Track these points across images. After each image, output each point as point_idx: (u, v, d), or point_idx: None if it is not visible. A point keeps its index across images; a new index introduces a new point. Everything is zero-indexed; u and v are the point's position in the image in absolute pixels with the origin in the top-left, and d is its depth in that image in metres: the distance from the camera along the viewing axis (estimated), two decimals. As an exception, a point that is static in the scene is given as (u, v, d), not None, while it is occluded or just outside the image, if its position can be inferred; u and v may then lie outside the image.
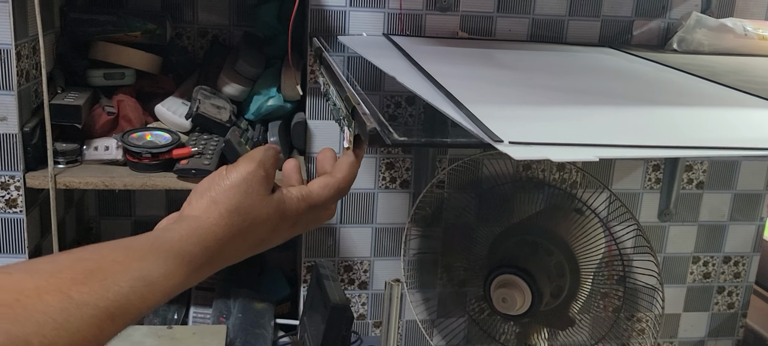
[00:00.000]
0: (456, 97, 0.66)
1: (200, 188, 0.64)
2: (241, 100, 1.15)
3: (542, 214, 1.10)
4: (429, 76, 0.77)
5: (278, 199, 0.65)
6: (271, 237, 0.65)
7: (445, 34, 1.14)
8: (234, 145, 1.04)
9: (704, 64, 1.00)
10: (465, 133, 0.56)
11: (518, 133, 0.55)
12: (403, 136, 0.55)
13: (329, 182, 0.68)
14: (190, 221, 0.61)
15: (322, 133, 1.15)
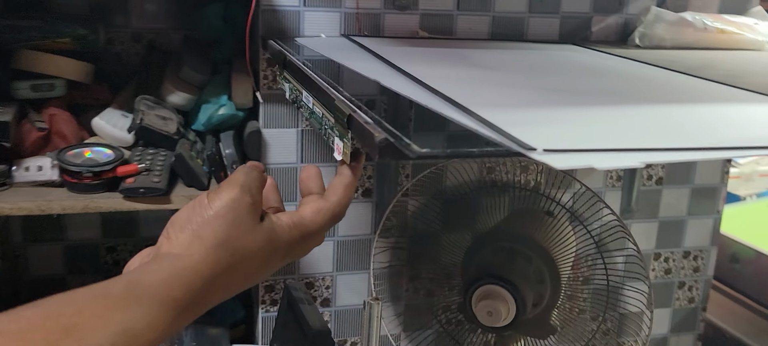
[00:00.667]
0: (457, 101, 0.60)
1: (179, 220, 0.56)
2: (187, 110, 1.06)
3: (514, 219, 1.06)
4: (414, 78, 0.71)
5: (268, 228, 0.58)
6: (260, 271, 0.58)
7: (405, 34, 1.08)
8: (186, 159, 0.95)
9: (675, 59, 0.98)
10: (485, 141, 0.51)
11: (545, 140, 0.50)
12: (425, 147, 0.48)
13: (323, 207, 0.61)
14: (171, 261, 0.53)
15: (278, 142, 1.07)
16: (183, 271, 0.53)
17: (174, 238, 0.55)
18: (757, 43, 1.12)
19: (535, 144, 0.49)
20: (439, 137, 0.53)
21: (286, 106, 1.06)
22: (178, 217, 0.56)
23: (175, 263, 0.53)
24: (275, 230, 0.58)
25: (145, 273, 0.53)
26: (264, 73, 1.04)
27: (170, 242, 0.55)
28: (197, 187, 0.96)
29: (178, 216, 0.57)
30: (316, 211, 0.61)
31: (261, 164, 0.64)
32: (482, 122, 0.54)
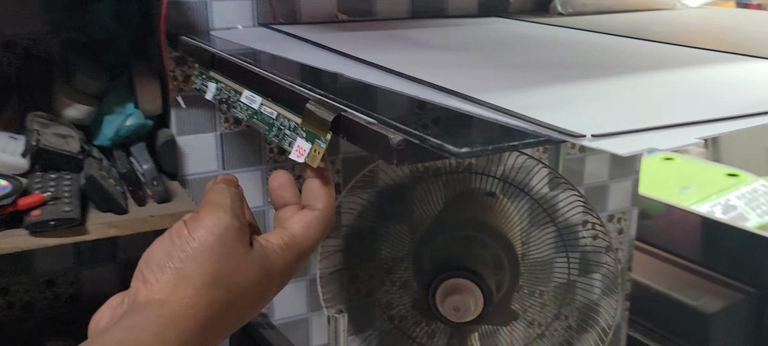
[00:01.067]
0: (452, 89, 0.54)
1: (155, 258, 0.46)
2: (87, 124, 0.92)
3: (457, 205, 1.01)
4: (379, 66, 0.63)
5: (261, 255, 0.49)
6: (257, 305, 0.50)
7: (323, 18, 1.00)
8: (99, 180, 0.82)
9: (612, 24, 0.96)
10: (521, 133, 0.44)
11: (582, 123, 0.44)
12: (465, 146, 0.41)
13: (312, 218, 0.53)
14: (157, 310, 0.44)
15: (195, 150, 0.96)
16: (174, 320, 0.43)
17: (154, 280, 0.45)
18: (670, 3, 1.13)
19: (576, 129, 0.43)
20: (461, 131, 0.46)
21: (200, 110, 0.95)
22: (153, 254, 0.47)
23: (163, 312, 0.44)
24: (268, 256, 0.49)
25: (128, 331, 0.42)
26: (173, 74, 0.93)
27: (149, 286, 0.45)
28: (115, 211, 0.83)
29: (152, 253, 0.47)
30: (306, 225, 0.53)
31: (234, 177, 0.54)
32: (501, 111, 0.47)
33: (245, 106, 0.62)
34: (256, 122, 0.59)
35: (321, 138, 0.50)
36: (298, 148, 0.52)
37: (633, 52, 0.74)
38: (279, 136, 0.56)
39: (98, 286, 1.12)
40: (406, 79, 0.58)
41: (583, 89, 0.57)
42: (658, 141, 0.41)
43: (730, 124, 0.45)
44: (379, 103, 0.55)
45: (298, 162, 0.53)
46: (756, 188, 1.69)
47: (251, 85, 0.63)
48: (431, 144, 0.43)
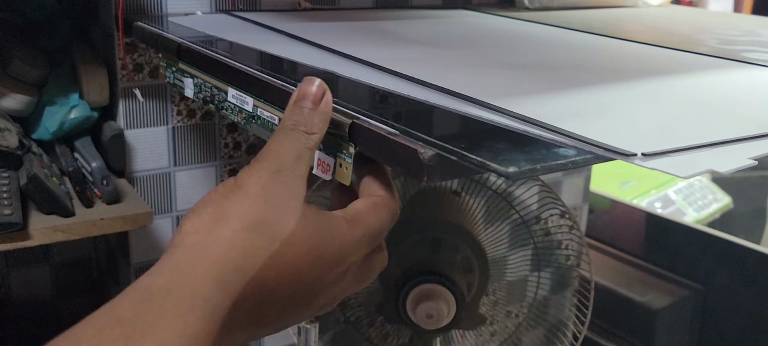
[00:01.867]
0: (465, 94, 0.50)
1: (195, 208, 0.42)
2: (24, 116, 0.84)
3: (421, 205, 0.97)
4: (373, 65, 0.58)
5: (319, 219, 0.43)
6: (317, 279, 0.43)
7: (285, 6, 0.94)
8: (43, 180, 0.74)
9: (586, 21, 0.94)
10: (568, 150, 0.41)
11: (626, 139, 0.41)
12: (513, 165, 0.37)
13: (377, 201, 0.47)
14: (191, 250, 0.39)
15: (144, 145, 0.88)
16: (207, 259, 0.38)
17: (189, 226, 0.40)
18: (632, 0, 1.12)
19: (622, 146, 0.40)
20: (495, 146, 0.42)
21: (151, 101, 0.87)
22: (195, 206, 0.42)
23: (195, 252, 0.38)
24: (328, 219, 0.43)
25: (155, 276, 0.37)
26: (122, 63, 0.85)
27: (182, 232, 0.40)
28: (60, 213, 0.76)
29: (194, 207, 0.42)
30: (372, 205, 0.46)
31: (319, 95, 0.45)
32: (531, 122, 0.44)
33: (237, 108, 0.56)
34: (258, 128, 0.53)
35: (344, 151, 0.45)
36: (320, 163, 0.47)
37: (626, 54, 0.72)
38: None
39: (29, 289, 1.03)
40: (411, 82, 0.53)
41: (598, 96, 0.53)
42: (715, 162, 0.38)
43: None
44: (388, 110, 0.51)
45: (326, 179, 0.48)
46: (692, 182, 1.73)
47: (236, 83, 0.57)
48: (472, 162, 0.38)
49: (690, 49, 0.75)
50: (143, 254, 0.92)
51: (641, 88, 0.58)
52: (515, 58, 0.69)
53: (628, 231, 1.46)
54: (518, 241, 1.13)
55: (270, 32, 0.73)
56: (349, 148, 0.45)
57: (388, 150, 0.42)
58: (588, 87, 0.57)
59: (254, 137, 0.95)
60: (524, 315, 1.24)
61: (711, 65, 0.68)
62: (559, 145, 0.41)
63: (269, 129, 0.53)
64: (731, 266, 1.31)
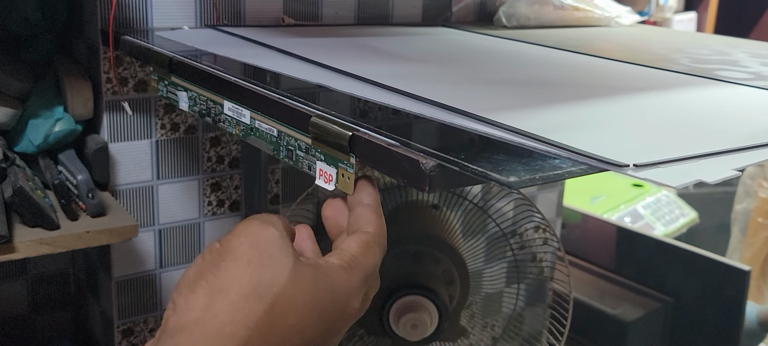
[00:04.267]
0: (458, 108, 0.51)
1: (185, 281, 0.42)
2: (8, 129, 0.83)
3: (402, 219, 0.99)
4: (366, 80, 0.60)
5: (315, 270, 0.43)
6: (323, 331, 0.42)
7: (268, 21, 0.95)
8: (28, 192, 0.74)
9: (563, 39, 0.97)
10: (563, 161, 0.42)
11: (617, 151, 0.43)
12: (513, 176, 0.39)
13: (368, 239, 0.47)
14: (189, 332, 0.39)
15: (128, 158, 0.88)
16: (210, 340, 0.38)
17: (183, 303, 0.40)
18: (605, 19, 1.15)
19: (614, 157, 0.42)
20: (493, 157, 0.43)
21: (135, 114, 0.88)
22: (184, 278, 0.42)
23: (196, 334, 0.38)
24: (328, 274, 0.43)
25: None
26: (107, 76, 0.85)
27: (179, 311, 0.40)
28: (46, 226, 0.75)
29: (182, 278, 0.42)
30: (365, 244, 0.46)
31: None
32: (526, 135, 0.45)
33: (234, 121, 0.57)
34: (257, 140, 0.54)
35: (345, 162, 0.46)
36: (322, 173, 0.48)
37: (605, 71, 0.75)
38: (292, 158, 0.51)
39: (4, 304, 1.02)
40: (404, 96, 0.55)
41: (583, 111, 0.56)
42: (703, 173, 0.40)
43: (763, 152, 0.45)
44: (384, 122, 0.52)
45: (328, 189, 0.49)
46: (660, 198, 1.77)
47: (232, 96, 0.58)
48: (474, 172, 0.40)
49: (665, 66, 0.78)
50: (126, 267, 0.92)
51: (624, 103, 0.60)
52: (499, 74, 0.71)
53: (599, 245, 1.49)
54: (496, 253, 1.15)
55: (258, 47, 0.74)
56: (350, 159, 0.47)
57: (390, 161, 0.44)
58: (573, 102, 0.59)
59: (237, 151, 0.96)
60: (501, 328, 1.26)
61: (686, 82, 0.70)
62: (554, 157, 0.43)
63: (268, 141, 0.54)
64: (700, 278, 1.34)
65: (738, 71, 0.77)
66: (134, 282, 0.93)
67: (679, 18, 2.47)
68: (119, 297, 0.93)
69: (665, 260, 1.41)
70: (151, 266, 0.93)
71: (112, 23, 0.78)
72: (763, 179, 1.86)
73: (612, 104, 0.59)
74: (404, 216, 1.00)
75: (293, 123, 0.52)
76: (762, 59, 0.88)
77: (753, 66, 0.82)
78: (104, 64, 0.84)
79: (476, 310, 1.25)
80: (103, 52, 0.84)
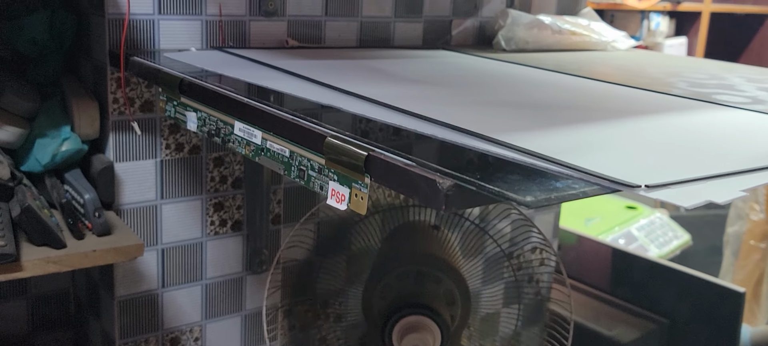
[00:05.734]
0: (468, 129, 0.52)
1: None
2: (15, 148, 0.84)
3: (404, 239, 1.00)
4: (374, 101, 0.61)
5: None
6: None
7: (272, 43, 0.96)
8: (36, 211, 0.74)
9: (562, 63, 0.98)
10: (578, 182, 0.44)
11: (628, 172, 0.44)
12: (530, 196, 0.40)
13: None
14: None
15: (133, 178, 0.89)
16: None
17: None
18: (602, 44, 1.17)
19: (627, 178, 0.43)
20: (508, 177, 0.44)
21: (138, 135, 0.88)
22: None
23: None
24: None
25: None
26: (114, 96, 0.86)
27: None
28: (53, 245, 0.76)
29: None
30: None
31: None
32: (540, 157, 0.47)
33: (244, 141, 0.58)
34: (267, 160, 0.55)
35: (359, 182, 0.47)
36: (334, 193, 0.49)
37: (605, 94, 0.76)
38: (304, 178, 0.52)
39: (4, 324, 1.02)
40: (414, 117, 0.56)
41: (590, 133, 0.57)
42: (712, 194, 0.42)
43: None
44: (397, 142, 0.53)
45: (340, 209, 0.50)
46: (653, 220, 1.79)
47: (243, 116, 0.59)
48: (490, 192, 0.41)
49: (664, 90, 0.80)
50: (128, 287, 0.92)
51: (627, 126, 0.61)
52: (503, 96, 0.72)
53: (594, 266, 1.50)
54: (495, 274, 1.16)
55: (266, 68, 0.76)
56: (365, 179, 0.48)
57: (406, 181, 0.45)
58: (578, 124, 0.60)
59: (240, 171, 0.97)
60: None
61: (686, 106, 0.72)
62: (567, 177, 0.44)
63: (279, 161, 0.55)
64: (695, 300, 1.35)
65: (735, 95, 0.79)
66: (136, 302, 0.93)
67: (670, 42, 2.50)
68: (121, 317, 0.93)
69: (660, 281, 1.43)
70: (153, 285, 0.94)
71: (123, 44, 0.79)
72: (755, 202, 1.88)
73: (616, 127, 0.60)
74: (405, 236, 1.01)
75: (306, 143, 0.53)
76: (758, 84, 0.90)
77: (749, 90, 0.84)
78: (111, 84, 0.85)
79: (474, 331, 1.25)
80: (111, 72, 0.85)
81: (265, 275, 1.02)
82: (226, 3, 0.91)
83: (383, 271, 0.94)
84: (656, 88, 0.81)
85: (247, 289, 1.02)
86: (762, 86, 0.88)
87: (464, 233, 1.07)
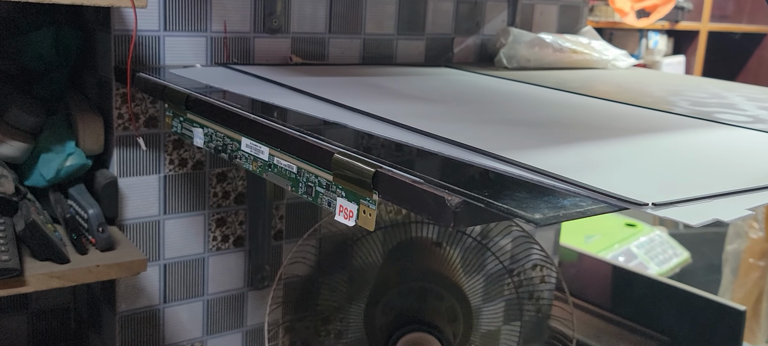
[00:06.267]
0: (477, 147, 0.53)
1: None
2: (19, 162, 0.84)
3: (406, 256, 1.00)
4: (382, 119, 0.61)
5: None
6: None
7: (277, 60, 0.97)
8: (40, 226, 0.74)
9: (564, 81, 0.99)
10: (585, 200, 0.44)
11: (636, 190, 0.45)
12: (539, 213, 0.40)
13: None
14: None
15: (136, 193, 0.89)
16: None
17: None
18: (603, 62, 1.18)
19: (634, 196, 0.43)
20: (515, 195, 0.45)
21: (143, 150, 0.89)
22: None
23: None
24: None
25: None
26: (118, 112, 0.86)
27: None
28: (56, 260, 0.76)
29: None
30: None
31: None
32: (546, 175, 0.47)
33: (252, 157, 0.58)
34: (274, 176, 0.56)
35: (367, 199, 0.48)
36: (342, 210, 0.49)
37: (607, 112, 0.77)
38: (311, 194, 0.52)
39: (6, 339, 1.02)
40: (420, 134, 0.57)
41: (595, 151, 0.57)
42: (719, 212, 0.42)
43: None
44: (404, 159, 0.53)
45: (348, 225, 0.50)
46: (653, 237, 1.79)
47: (250, 133, 0.59)
48: (499, 209, 0.41)
49: (666, 109, 0.80)
50: (130, 302, 0.92)
51: (631, 144, 0.62)
52: (506, 113, 0.73)
53: (595, 283, 1.50)
54: (496, 291, 1.16)
55: (271, 85, 0.76)
56: (373, 196, 0.48)
57: (414, 198, 0.45)
58: (582, 142, 0.61)
59: (243, 187, 0.97)
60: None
61: (689, 125, 0.72)
62: (575, 195, 0.44)
63: (287, 177, 0.55)
64: (695, 318, 1.35)
65: (737, 114, 0.80)
66: (138, 317, 0.93)
67: (668, 61, 2.51)
68: (123, 332, 0.93)
69: (661, 299, 1.43)
70: (155, 300, 0.94)
71: (130, 60, 0.79)
72: (754, 220, 1.89)
73: (620, 145, 0.61)
74: (407, 254, 1.01)
75: (314, 160, 0.53)
76: (758, 103, 0.91)
77: (750, 109, 0.84)
78: (116, 100, 0.86)
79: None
80: (116, 88, 0.85)
81: (266, 290, 1.02)
82: (231, 20, 0.92)
83: (385, 287, 0.94)
84: (658, 106, 0.82)
85: (249, 305, 1.02)
86: (762, 105, 0.89)
87: (465, 250, 1.08)
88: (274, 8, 0.94)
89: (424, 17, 1.09)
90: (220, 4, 0.90)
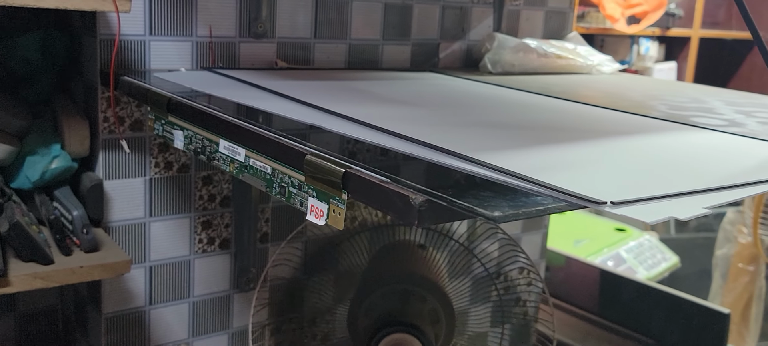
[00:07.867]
0: (447, 148, 0.54)
1: None
2: (5, 165, 0.85)
3: (390, 258, 1.01)
4: (358, 121, 0.63)
5: None
6: None
7: (262, 64, 0.98)
8: (24, 228, 0.75)
9: (545, 85, 1.00)
10: (545, 198, 0.45)
11: (596, 189, 0.46)
12: (497, 210, 0.41)
13: None
14: None
15: (121, 195, 0.90)
16: None
17: None
18: (587, 67, 1.19)
19: (594, 195, 0.44)
20: (479, 194, 0.46)
21: (129, 153, 0.90)
22: None
23: None
24: None
25: None
26: (104, 115, 0.87)
27: None
28: (40, 261, 0.77)
29: None
30: None
31: None
32: (510, 174, 0.48)
33: (228, 159, 0.59)
34: (250, 177, 0.57)
35: (337, 198, 0.49)
36: (313, 209, 0.50)
37: (585, 116, 0.78)
38: (284, 194, 0.53)
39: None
40: (395, 137, 0.58)
41: (565, 152, 0.58)
42: (675, 210, 0.43)
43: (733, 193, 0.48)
44: (376, 160, 0.54)
45: (319, 225, 0.51)
46: (642, 242, 1.80)
47: (227, 135, 0.60)
48: (460, 207, 0.42)
49: (643, 113, 0.82)
50: (115, 304, 0.93)
51: (603, 146, 0.63)
52: (486, 117, 0.74)
53: (583, 287, 1.51)
54: (482, 294, 1.17)
55: (254, 89, 0.77)
56: (343, 195, 0.49)
57: (381, 197, 0.46)
58: (556, 144, 0.62)
59: (228, 190, 0.98)
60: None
61: (663, 128, 0.73)
62: (537, 194, 0.45)
63: (262, 178, 0.56)
64: (682, 321, 1.36)
65: (713, 118, 0.81)
66: (124, 319, 0.94)
67: (659, 67, 2.53)
68: (108, 334, 0.94)
69: (648, 303, 1.44)
70: (140, 302, 0.95)
71: (114, 64, 0.81)
72: (743, 225, 1.90)
73: (592, 147, 0.62)
74: (392, 255, 1.02)
75: (288, 161, 0.54)
76: (736, 107, 0.92)
77: (728, 113, 0.86)
78: (102, 103, 0.87)
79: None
80: (101, 91, 0.86)
81: (252, 292, 1.02)
82: (217, 25, 0.93)
83: (369, 289, 0.95)
84: (636, 110, 0.83)
85: (235, 307, 1.03)
86: (740, 109, 0.90)
87: (451, 253, 1.09)
88: (260, 13, 0.95)
89: (409, 22, 1.10)
90: (205, 9, 0.91)
